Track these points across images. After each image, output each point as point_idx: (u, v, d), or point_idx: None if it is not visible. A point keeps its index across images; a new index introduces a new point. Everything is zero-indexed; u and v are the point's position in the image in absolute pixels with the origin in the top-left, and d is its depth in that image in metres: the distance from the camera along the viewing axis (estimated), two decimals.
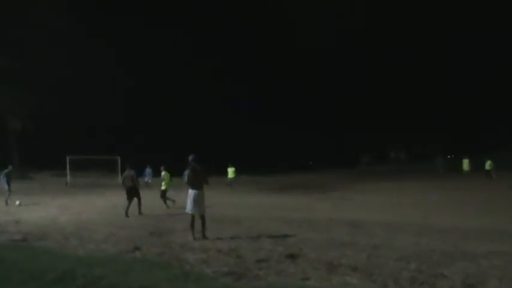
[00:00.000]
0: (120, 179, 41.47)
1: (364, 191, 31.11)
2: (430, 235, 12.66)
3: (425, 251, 10.23)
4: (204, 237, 12.27)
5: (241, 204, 23.60)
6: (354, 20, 70.24)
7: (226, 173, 35.88)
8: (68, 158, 47.34)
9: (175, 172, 21.64)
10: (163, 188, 21.87)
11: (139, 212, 18.45)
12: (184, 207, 12.93)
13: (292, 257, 9.61)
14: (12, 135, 59.68)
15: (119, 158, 48.56)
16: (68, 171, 47.61)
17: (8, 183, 23.83)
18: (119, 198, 26.77)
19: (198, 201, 12.50)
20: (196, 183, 12.52)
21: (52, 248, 10.80)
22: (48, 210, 20.25)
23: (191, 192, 12.50)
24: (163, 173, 22.22)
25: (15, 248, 10.81)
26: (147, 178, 38.33)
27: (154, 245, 11.22)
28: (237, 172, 35.88)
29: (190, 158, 12.75)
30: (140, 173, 40.04)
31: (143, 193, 19.12)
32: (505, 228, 13.96)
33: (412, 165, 62.93)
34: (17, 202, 22.85)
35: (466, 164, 42.97)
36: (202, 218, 12.57)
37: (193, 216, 12.47)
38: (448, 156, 66.79)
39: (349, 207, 20.95)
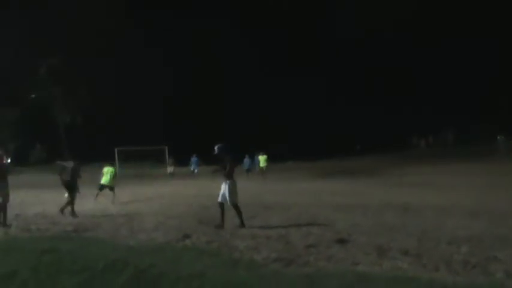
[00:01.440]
0: (168, 169, 42.01)
1: (414, 174, 30.76)
2: (483, 218, 12.45)
3: (478, 234, 10.06)
4: (242, 225, 12.15)
5: (289, 190, 23.60)
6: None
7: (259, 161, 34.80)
8: (116, 150, 48.10)
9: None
10: (102, 182, 21.34)
11: (62, 210, 16.26)
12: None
13: (341, 242, 9.58)
14: (61, 129, 61.18)
15: (166, 148, 49.20)
16: (116, 163, 48.41)
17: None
18: (167, 188, 27.09)
19: (231, 191, 12.27)
20: (228, 173, 12.35)
21: (103, 238, 10.95)
22: (99, 201, 20.56)
23: (225, 183, 12.34)
24: (105, 169, 21.89)
25: (67, 238, 10.98)
26: (193, 167, 38.52)
27: (203, 233, 11.28)
28: (269, 160, 34.92)
29: (219, 148, 12.47)
30: (186, 162, 40.47)
31: (187, 181, 19.04)
32: None
33: (465, 147, 61.66)
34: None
35: None
36: (237, 207, 12.38)
37: (222, 205, 12.35)
38: (498, 137, 65.31)
39: (399, 191, 20.72)
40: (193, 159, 38.58)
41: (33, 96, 58.46)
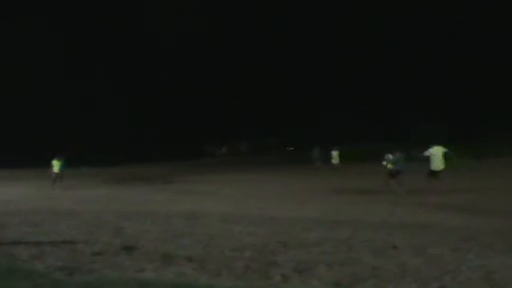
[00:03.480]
0: None
1: (205, 182, 31.37)
2: (267, 225, 13.04)
3: (261, 240, 10.55)
4: None
5: (81, 197, 23.03)
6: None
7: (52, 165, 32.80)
8: None
9: None
10: None
11: None
12: None
13: (128, 249, 9.54)
14: None
15: None
16: None
17: None
18: None
19: None
20: None
21: None
22: None
23: None
24: None
25: None
26: None
27: None
28: (63, 166, 32.71)
29: None
30: None
31: None
32: (337, 217, 14.74)
33: (257, 157, 63.90)
34: None
35: (335, 156, 42.59)
36: None
37: None
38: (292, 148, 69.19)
39: (189, 199, 21.03)
40: None
41: None
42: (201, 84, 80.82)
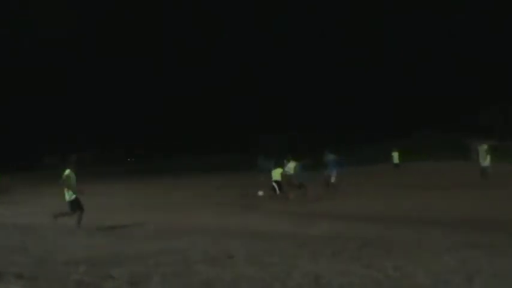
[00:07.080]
0: None
1: (44, 195, 30.34)
2: (105, 237, 13.03)
3: (97, 253, 10.43)
4: None
5: None
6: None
7: None
8: None
9: None
10: None
11: None
12: None
13: None
14: None
15: None
16: None
17: None
18: None
19: None
20: None
21: None
22: None
23: None
24: None
25: None
26: None
27: None
28: None
29: None
30: None
31: None
32: (176, 227, 14.91)
33: (104, 167, 62.66)
34: None
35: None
36: None
37: None
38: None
39: (25, 212, 20.35)
40: None
41: None
42: None
